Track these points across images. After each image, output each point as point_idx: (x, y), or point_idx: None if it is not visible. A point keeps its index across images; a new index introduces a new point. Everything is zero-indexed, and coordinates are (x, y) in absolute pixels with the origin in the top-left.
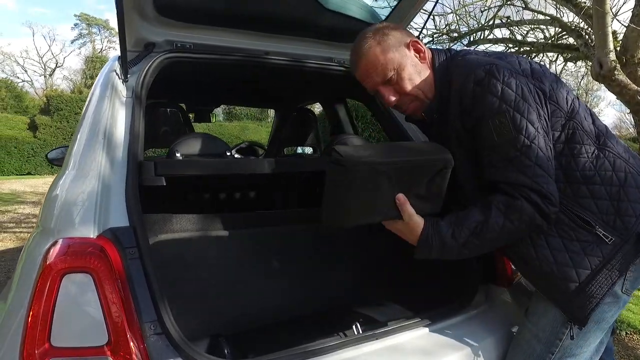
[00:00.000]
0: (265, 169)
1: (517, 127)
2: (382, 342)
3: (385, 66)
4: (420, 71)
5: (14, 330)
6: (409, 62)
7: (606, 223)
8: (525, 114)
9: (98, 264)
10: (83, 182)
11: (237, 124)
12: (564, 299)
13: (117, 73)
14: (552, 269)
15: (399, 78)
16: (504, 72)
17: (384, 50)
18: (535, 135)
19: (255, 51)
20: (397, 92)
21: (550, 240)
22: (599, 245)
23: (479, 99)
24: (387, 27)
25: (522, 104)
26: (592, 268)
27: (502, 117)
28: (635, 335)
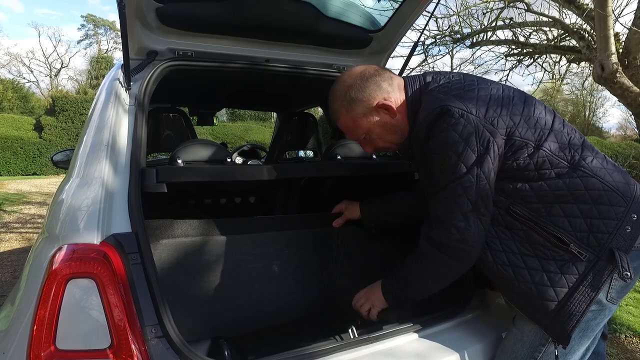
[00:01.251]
0: (265, 176)
1: (451, 168)
2: (377, 346)
3: (356, 131)
4: (390, 128)
5: (21, 333)
6: (377, 125)
7: (580, 240)
8: (462, 157)
9: (101, 269)
10: (87, 189)
11: (241, 124)
12: (546, 319)
13: (120, 81)
14: (530, 288)
15: (370, 138)
16: (456, 112)
17: (352, 118)
18: (462, 176)
19: (255, 58)
20: (372, 145)
21: (527, 260)
22: (575, 263)
23: (427, 138)
24: (353, 88)
25: (464, 147)
26: (569, 286)
27: (443, 156)
28: (635, 338)
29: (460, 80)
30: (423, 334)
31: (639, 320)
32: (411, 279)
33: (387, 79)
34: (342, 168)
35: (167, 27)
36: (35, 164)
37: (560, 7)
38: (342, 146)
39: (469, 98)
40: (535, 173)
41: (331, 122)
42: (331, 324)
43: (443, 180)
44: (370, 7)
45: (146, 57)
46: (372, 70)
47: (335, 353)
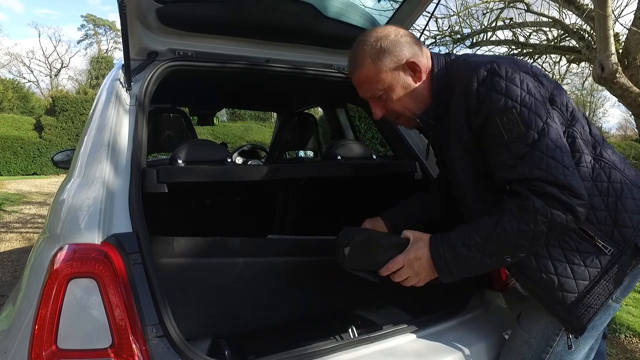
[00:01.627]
0: (265, 176)
1: (526, 122)
2: (377, 345)
3: (376, 85)
4: (411, 92)
5: (22, 332)
6: (400, 84)
7: (605, 234)
8: (533, 108)
9: (102, 269)
10: (88, 189)
11: (241, 124)
12: (563, 310)
13: (121, 81)
14: (552, 279)
15: (388, 98)
16: (506, 68)
17: (377, 70)
18: (544, 128)
19: (256, 59)
20: (384, 108)
21: (551, 251)
22: (598, 256)
23: (483, 99)
24: (386, 39)
25: (529, 99)
26: (590, 279)
27: (510, 114)
28: (635, 338)
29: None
30: (423, 333)
31: (639, 320)
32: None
33: (417, 43)
34: (342, 168)
35: (167, 28)
36: (35, 163)
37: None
38: (342, 146)
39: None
40: None
41: (331, 123)
42: (331, 324)
43: (523, 139)
44: (370, 7)
45: (147, 57)
46: (405, 31)
47: (335, 353)
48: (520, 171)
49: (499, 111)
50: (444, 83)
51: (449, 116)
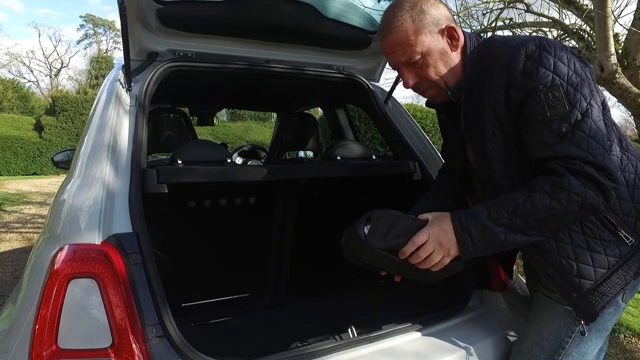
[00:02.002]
0: (265, 177)
1: (571, 101)
2: (376, 345)
3: (414, 49)
4: (447, 60)
5: (23, 332)
6: (438, 49)
7: (627, 225)
8: (579, 88)
9: (102, 269)
10: (88, 189)
11: (241, 124)
12: (578, 297)
13: (121, 82)
14: (571, 265)
15: (424, 63)
16: (554, 45)
17: (416, 30)
18: (588, 109)
19: (256, 59)
20: (418, 75)
21: (574, 236)
22: (619, 246)
23: (530, 73)
24: (428, 2)
25: (575, 78)
26: (609, 267)
27: (556, 91)
28: (634, 338)
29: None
30: (422, 333)
31: (638, 320)
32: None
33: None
34: (342, 169)
35: (167, 28)
36: (35, 163)
37: (560, 7)
38: (342, 147)
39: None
40: None
41: (331, 123)
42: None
43: (566, 119)
44: (370, 8)
45: (147, 58)
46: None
47: (335, 352)
48: (559, 149)
49: (545, 87)
50: (478, 60)
51: (482, 92)
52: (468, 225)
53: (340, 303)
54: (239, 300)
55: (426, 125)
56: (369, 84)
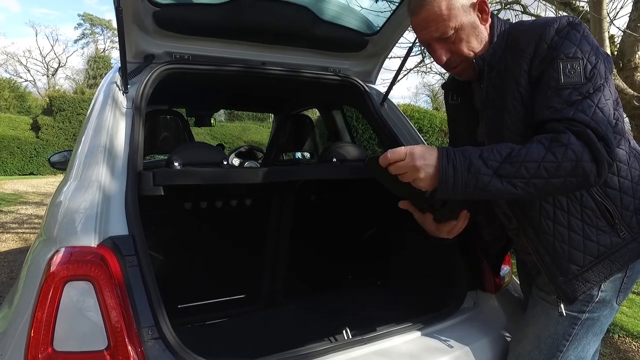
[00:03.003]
0: (261, 179)
1: (587, 75)
2: (370, 347)
3: (448, 24)
4: (478, 34)
5: (19, 334)
6: (470, 24)
7: (624, 218)
8: (598, 66)
9: (98, 272)
10: (85, 192)
11: (239, 125)
12: (563, 280)
13: (118, 84)
14: (563, 249)
15: (457, 38)
16: (584, 27)
17: (450, 5)
18: (601, 86)
19: (252, 61)
20: (450, 51)
21: (572, 221)
22: (612, 237)
23: (555, 45)
24: None
25: (596, 57)
26: (597, 256)
27: (575, 63)
28: (628, 338)
29: None
30: (416, 335)
31: (632, 320)
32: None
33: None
34: (338, 171)
35: (164, 31)
36: (32, 163)
37: (556, 9)
38: (338, 149)
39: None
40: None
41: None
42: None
43: (578, 89)
44: (366, 10)
45: (143, 60)
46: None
47: (330, 354)
48: (564, 112)
49: (566, 57)
50: (505, 37)
51: (506, 66)
52: (455, 159)
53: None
54: (235, 301)
55: (423, 126)
56: (365, 85)
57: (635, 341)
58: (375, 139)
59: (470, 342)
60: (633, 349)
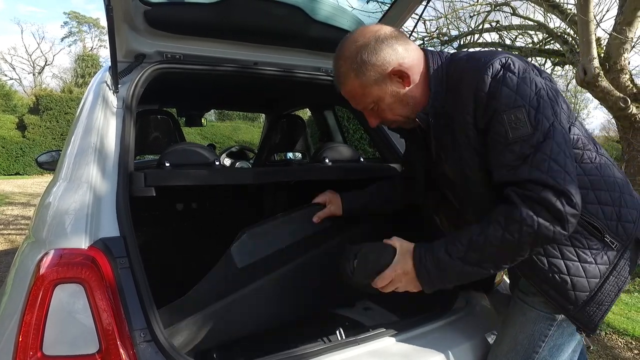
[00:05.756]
0: (253, 179)
1: (533, 123)
2: (364, 347)
3: (364, 99)
4: (401, 99)
5: (6, 338)
6: (388, 94)
7: (610, 229)
8: (541, 109)
9: (89, 274)
10: (75, 192)
11: (229, 124)
12: (575, 309)
13: (108, 84)
14: (564, 279)
15: (379, 109)
16: (519, 65)
17: (362, 84)
18: (550, 130)
19: (244, 61)
20: (378, 117)
21: (563, 250)
22: (607, 252)
23: (494, 93)
24: (366, 49)
25: (537, 100)
26: (601, 275)
27: (519, 112)
28: (614, 335)
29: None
30: (409, 335)
31: (619, 317)
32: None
33: (404, 44)
34: (329, 171)
35: (155, 30)
36: (18, 163)
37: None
38: (330, 149)
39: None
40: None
41: (320, 125)
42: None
43: (528, 140)
44: (358, 11)
45: (134, 59)
46: (388, 32)
47: (323, 355)
48: (519, 173)
49: (508, 108)
50: (443, 79)
51: (451, 113)
52: (425, 260)
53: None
54: None
55: None
56: None
57: (622, 338)
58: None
59: (463, 342)
60: (620, 346)
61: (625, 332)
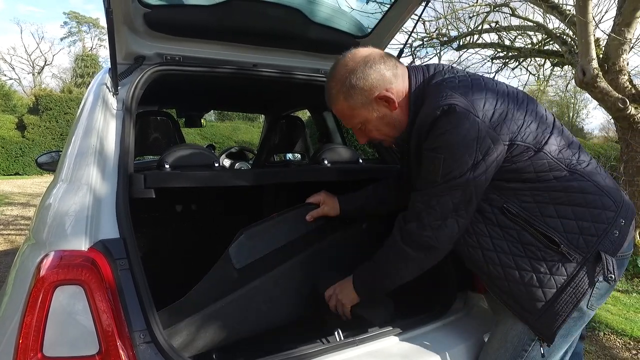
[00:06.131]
0: (252, 181)
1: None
2: (363, 348)
3: (353, 120)
4: (388, 121)
5: (6, 339)
6: (375, 116)
7: (570, 242)
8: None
9: (89, 275)
10: (75, 194)
11: (229, 124)
12: (533, 318)
13: (108, 86)
14: (520, 289)
15: (367, 130)
16: (457, 113)
17: (350, 106)
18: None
19: (243, 63)
20: (366, 136)
21: (518, 261)
22: (564, 264)
23: (429, 133)
24: (354, 74)
25: (458, 151)
26: (557, 287)
27: (436, 160)
28: (613, 335)
29: (466, 77)
30: (407, 335)
31: (617, 318)
32: (378, 269)
33: (391, 68)
34: (329, 173)
35: (155, 32)
36: (17, 163)
37: (544, 12)
38: (329, 150)
39: (476, 97)
40: (533, 175)
41: (319, 126)
42: (317, 327)
43: (432, 179)
44: (357, 12)
45: (134, 61)
46: (377, 56)
47: (322, 356)
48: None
49: (431, 150)
50: (418, 103)
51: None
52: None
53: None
54: None
55: None
56: None
57: (620, 338)
58: None
59: (460, 342)
60: (618, 346)
61: (623, 332)
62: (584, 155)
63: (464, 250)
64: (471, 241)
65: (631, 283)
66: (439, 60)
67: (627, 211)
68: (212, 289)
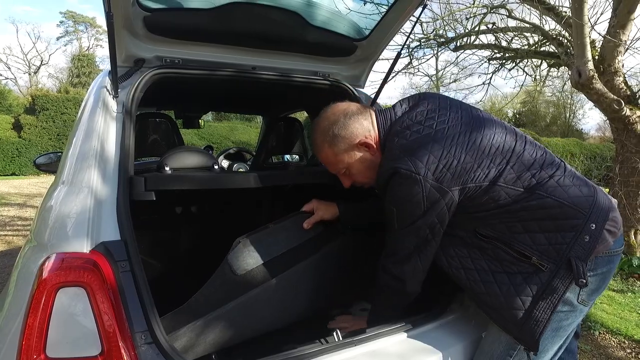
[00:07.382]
0: (251, 183)
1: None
2: (361, 348)
3: (337, 166)
4: (368, 165)
5: (10, 341)
6: (357, 161)
7: (541, 253)
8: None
9: (91, 277)
10: (76, 197)
11: (226, 125)
12: (516, 329)
13: (108, 88)
14: (500, 300)
15: (350, 173)
16: (402, 177)
17: (334, 153)
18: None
19: (242, 66)
20: (350, 179)
21: (497, 276)
22: (538, 274)
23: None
24: (336, 125)
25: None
26: (533, 294)
27: (390, 212)
28: (608, 334)
29: (422, 120)
30: (405, 335)
31: (612, 317)
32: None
33: (368, 117)
34: (327, 174)
35: (154, 35)
36: (14, 164)
37: (540, 14)
38: None
39: (421, 154)
40: (493, 204)
41: None
42: (316, 327)
43: (392, 225)
44: (355, 16)
45: (133, 64)
46: (354, 109)
47: (320, 356)
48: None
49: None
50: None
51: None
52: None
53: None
54: None
55: None
56: (354, 90)
57: (615, 337)
58: None
59: (458, 342)
60: (613, 345)
61: (618, 331)
62: (546, 171)
63: (450, 272)
64: (455, 263)
65: (626, 282)
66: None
67: (598, 215)
68: (212, 296)
